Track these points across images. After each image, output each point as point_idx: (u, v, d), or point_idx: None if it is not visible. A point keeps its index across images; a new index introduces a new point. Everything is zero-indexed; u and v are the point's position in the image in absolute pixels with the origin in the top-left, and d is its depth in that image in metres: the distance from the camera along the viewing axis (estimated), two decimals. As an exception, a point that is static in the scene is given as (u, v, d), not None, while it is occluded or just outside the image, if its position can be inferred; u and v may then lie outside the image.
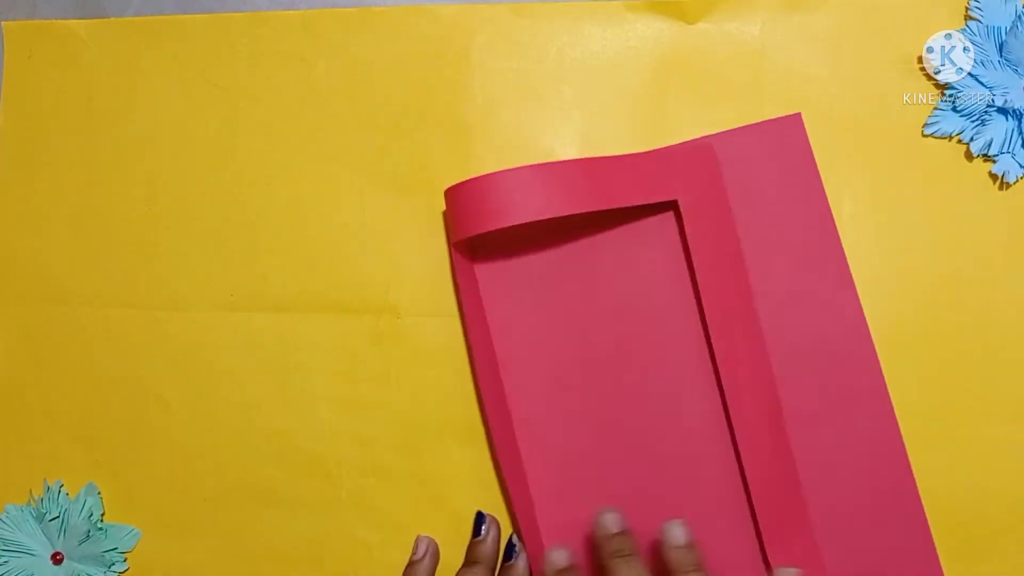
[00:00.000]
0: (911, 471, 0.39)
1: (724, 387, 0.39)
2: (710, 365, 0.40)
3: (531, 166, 0.38)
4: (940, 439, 0.40)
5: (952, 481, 0.40)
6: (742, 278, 0.40)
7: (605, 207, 0.38)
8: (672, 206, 0.40)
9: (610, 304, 0.41)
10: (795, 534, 0.39)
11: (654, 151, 0.41)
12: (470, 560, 0.40)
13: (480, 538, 0.40)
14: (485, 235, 0.39)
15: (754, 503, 0.38)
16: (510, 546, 0.40)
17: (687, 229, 0.39)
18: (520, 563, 0.40)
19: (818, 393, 0.40)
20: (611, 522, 0.38)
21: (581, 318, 0.41)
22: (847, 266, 0.40)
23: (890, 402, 0.39)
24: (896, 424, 0.39)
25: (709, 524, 0.39)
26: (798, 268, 0.40)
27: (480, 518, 0.41)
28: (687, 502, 0.40)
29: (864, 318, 0.40)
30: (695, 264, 0.39)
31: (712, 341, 0.39)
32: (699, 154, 0.40)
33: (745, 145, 0.41)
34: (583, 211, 0.38)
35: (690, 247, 0.39)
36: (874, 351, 0.40)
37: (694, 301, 0.40)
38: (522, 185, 0.38)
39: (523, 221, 0.37)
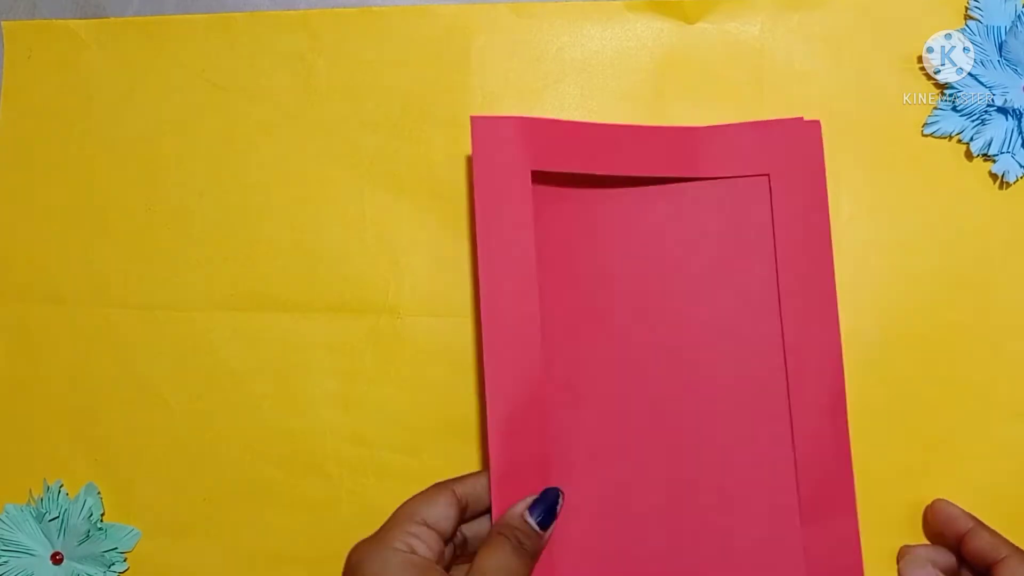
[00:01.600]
0: (852, 475, 0.39)
1: (788, 366, 0.39)
2: (777, 339, 0.39)
3: (642, 126, 0.40)
4: (940, 439, 0.40)
5: (952, 480, 0.40)
6: (826, 258, 0.40)
7: (698, 176, 0.40)
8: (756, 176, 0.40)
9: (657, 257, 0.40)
10: (837, 518, 0.39)
11: (750, 123, 0.40)
12: (523, 550, 0.35)
13: (547, 531, 0.36)
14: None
15: (800, 483, 0.39)
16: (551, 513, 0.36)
17: (776, 203, 0.40)
18: (547, 535, 0.36)
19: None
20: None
21: (623, 264, 0.41)
22: (833, 283, 0.40)
23: (844, 404, 0.39)
24: (846, 423, 0.39)
25: (751, 495, 0.39)
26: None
27: (553, 502, 0.36)
28: (729, 473, 0.39)
29: (839, 339, 0.39)
30: (779, 237, 0.40)
31: (784, 316, 0.39)
32: (799, 130, 0.40)
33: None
34: (676, 175, 0.40)
35: (776, 222, 0.40)
36: (841, 371, 0.39)
37: (766, 271, 0.40)
38: (626, 140, 0.40)
39: (621, 174, 0.39)
